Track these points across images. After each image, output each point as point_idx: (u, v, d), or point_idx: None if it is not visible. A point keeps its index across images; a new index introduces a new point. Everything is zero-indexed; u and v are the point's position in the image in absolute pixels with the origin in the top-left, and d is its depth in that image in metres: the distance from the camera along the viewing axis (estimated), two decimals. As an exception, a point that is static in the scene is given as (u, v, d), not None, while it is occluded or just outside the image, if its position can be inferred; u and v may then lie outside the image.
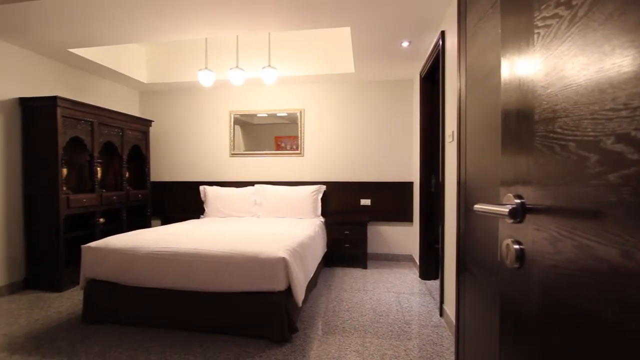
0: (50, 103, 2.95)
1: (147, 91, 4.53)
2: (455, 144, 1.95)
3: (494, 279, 1.17)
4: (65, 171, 3.15)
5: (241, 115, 4.37)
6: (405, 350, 1.98)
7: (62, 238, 2.99)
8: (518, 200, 0.65)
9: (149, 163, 4.22)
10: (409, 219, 4.02)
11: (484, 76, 1.29)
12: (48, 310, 2.56)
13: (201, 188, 4.14)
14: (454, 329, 1.97)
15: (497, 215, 0.70)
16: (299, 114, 4.22)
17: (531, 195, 0.63)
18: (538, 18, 0.61)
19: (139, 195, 4.02)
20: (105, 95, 3.97)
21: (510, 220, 0.66)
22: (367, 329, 2.26)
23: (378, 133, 4.10)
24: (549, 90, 0.57)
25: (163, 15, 2.45)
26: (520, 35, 0.67)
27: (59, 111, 2.97)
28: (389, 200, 4.06)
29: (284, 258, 2.09)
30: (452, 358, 1.91)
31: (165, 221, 4.10)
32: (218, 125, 4.40)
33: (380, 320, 2.39)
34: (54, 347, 2.00)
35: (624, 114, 0.42)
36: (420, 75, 3.35)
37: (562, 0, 0.54)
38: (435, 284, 3.17)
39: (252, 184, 4.20)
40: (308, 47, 3.80)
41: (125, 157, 3.82)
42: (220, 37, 3.64)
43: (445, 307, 2.37)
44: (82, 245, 2.40)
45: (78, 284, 2.88)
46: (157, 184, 4.47)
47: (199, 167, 4.45)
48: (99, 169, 3.47)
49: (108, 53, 3.55)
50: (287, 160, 4.27)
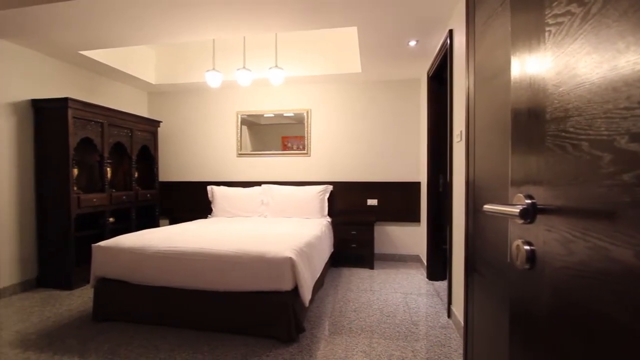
0: (62, 104, 3.00)
1: (156, 92, 4.58)
2: (463, 143, 1.93)
3: (504, 280, 1.15)
4: (76, 171, 3.20)
5: (248, 115, 4.40)
6: (412, 352, 1.96)
7: (73, 237, 3.04)
8: (529, 201, 0.64)
9: (157, 163, 4.27)
10: (416, 219, 4.00)
11: (493, 75, 1.28)
12: (59, 308, 2.61)
13: (209, 188, 4.18)
14: (462, 330, 1.96)
15: (508, 216, 0.69)
16: (305, 114, 4.22)
17: (542, 196, 0.62)
18: (549, 15, 0.60)
19: (148, 195, 4.07)
20: (114, 96, 4.03)
21: (520, 221, 0.65)
22: (374, 329, 2.25)
23: (385, 133, 4.08)
24: (561, 89, 0.57)
25: (171, 16, 2.48)
26: (530, 33, 0.66)
27: (70, 112, 3.02)
28: (396, 200, 4.04)
29: (290, 258, 2.09)
30: (461, 359, 1.89)
31: (173, 221, 4.14)
32: (225, 125, 4.42)
33: (388, 320, 2.38)
34: (65, 345, 2.03)
35: (638, 112, 0.41)
36: (428, 75, 3.33)
37: (575, -3, 0.53)
38: (443, 284, 3.15)
39: (259, 184, 4.22)
40: (314, 47, 3.81)
41: (134, 158, 3.87)
42: (228, 38, 3.66)
43: (453, 308, 2.35)
44: (93, 245, 2.43)
45: (88, 282, 2.93)
46: (166, 184, 4.52)
47: (206, 167, 4.48)
48: (108, 169, 3.52)
49: (117, 55, 3.60)
50: (294, 160, 4.28)
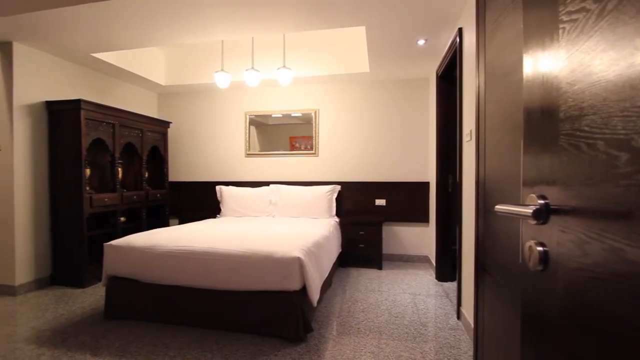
0: (75, 106, 3.06)
1: (165, 93, 4.63)
2: (473, 143, 1.91)
3: (515, 282, 1.14)
4: (88, 171, 3.26)
5: (256, 115, 4.42)
6: (421, 353, 1.95)
7: (86, 236, 3.10)
8: (542, 201, 0.63)
9: (167, 163, 4.33)
10: (425, 219, 3.96)
11: (504, 73, 1.26)
12: (72, 306, 2.66)
13: (217, 188, 4.21)
14: (471, 332, 1.93)
15: (520, 217, 0.68)
16: (313, 114, 4.22)
17: (556, 196, 0.61)
18: (563, 12, 0.59)
19: (158, 194, 4.12)
20: (125, 97, 4.09)
21: (533, 222, 0.64)
22: (383, 330, 2.24)
23: (393, 132, 4.06)
24: (576, 87, 0.56)
25: (180, 19, 2.50)
26: (544, 31, 0.65)
27: (83, 114, 3.08)
28: (404, 200, 4.01)
29: (299, 258, 2.09)
30: (470, 362, 1.87)
31: (182, 220, 4.18)
32: (233, 126, 4.45)
33: (396, 321, 2.37)
34: (78, 341, 2.07)
35: (658, 110, 0.40)
36: (437, 74, 3.30)
37: (590, -6, 0.52)
38: (452, 285, 3.12)
39: (267, 184, 4.23)
40: (322, 48, 3.81)
41: (144, 158, 3.92)
42: (236, 40, 3.68)
43: (463, 310, 2.32)
44: (105, 244, 2.48)
45: (100, 280, 2.99)
46: (175, 184, 4.57)
47: (215, 168, 4.52)
48: (119, 169, 3.58)
49: (128, 57, 3.66)
50: (302, 160, 4.28)
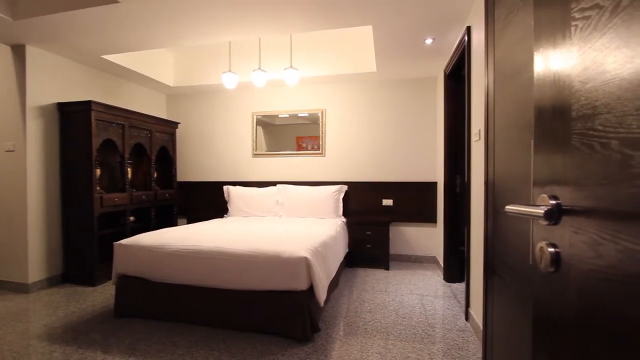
0: (85, 107, 3.11)
1: (174, 94, 4.68)
2: (482, 142, 1.89)
3: (525, 283, 1.12)
4: (98, 172, 3.31)
5: (263, 116, 4.44)
6: (429, 354, 1.94)
7: (96, 235, 3.15)
8: (553, 201, 0.62)
9: (175, 164, 4.37)
10: (432, 219, 3.93)
11: (513, 72, 1.25)
12: (83, 304, 2.70)
13: (225, 188, 4.24)
14: (480, 334, 1.91)
15: (531, 217, 0.67)
16: (320, 114, 4.22)
17: (568, 196, 0.60)
18: (575, 10, 0.58)
19: (166, 194, 4.16)
20: (134, 98, 4.14)
21: (545, 222, 0.63)
22: (390, 331, 2.23)
23: (400, 132, 4.04)
24: (588, 85, 0.55)
25: (187, 20, 2.52)
26: (555, 28, 0.64)
27: (93, 115, 3.12)
28: (411, 200, 3.99)
29: (306, 258, 2.09)
30: (479, 364, 1.85)
31: (190, 220, 4.22)
32: (241, 126, 4.48)
33: (403, 322, 2.36)
34: (88, 339, 2.11)
35: (675, 109, 0.39)
36: (445, 73, 3.27)
37: (603, -10, 0.51)
38: (461, 286, 3.09)
39: (274, 184, 4.25)
40: (329, 47, 3.80)
41: (153, 158, 3.96)
42: (243, 40, 3.70)
43: (471, 311, 2.30)
44: (114, 243, 2.51)
45: (110, 279, 3.03)
46: (183, 184, 4.61)
47: (222, 168, 4.55)
48: (129, 169, 3.63)
49: (137, 58, 3.70)
50: (309, 160, 4.29)
